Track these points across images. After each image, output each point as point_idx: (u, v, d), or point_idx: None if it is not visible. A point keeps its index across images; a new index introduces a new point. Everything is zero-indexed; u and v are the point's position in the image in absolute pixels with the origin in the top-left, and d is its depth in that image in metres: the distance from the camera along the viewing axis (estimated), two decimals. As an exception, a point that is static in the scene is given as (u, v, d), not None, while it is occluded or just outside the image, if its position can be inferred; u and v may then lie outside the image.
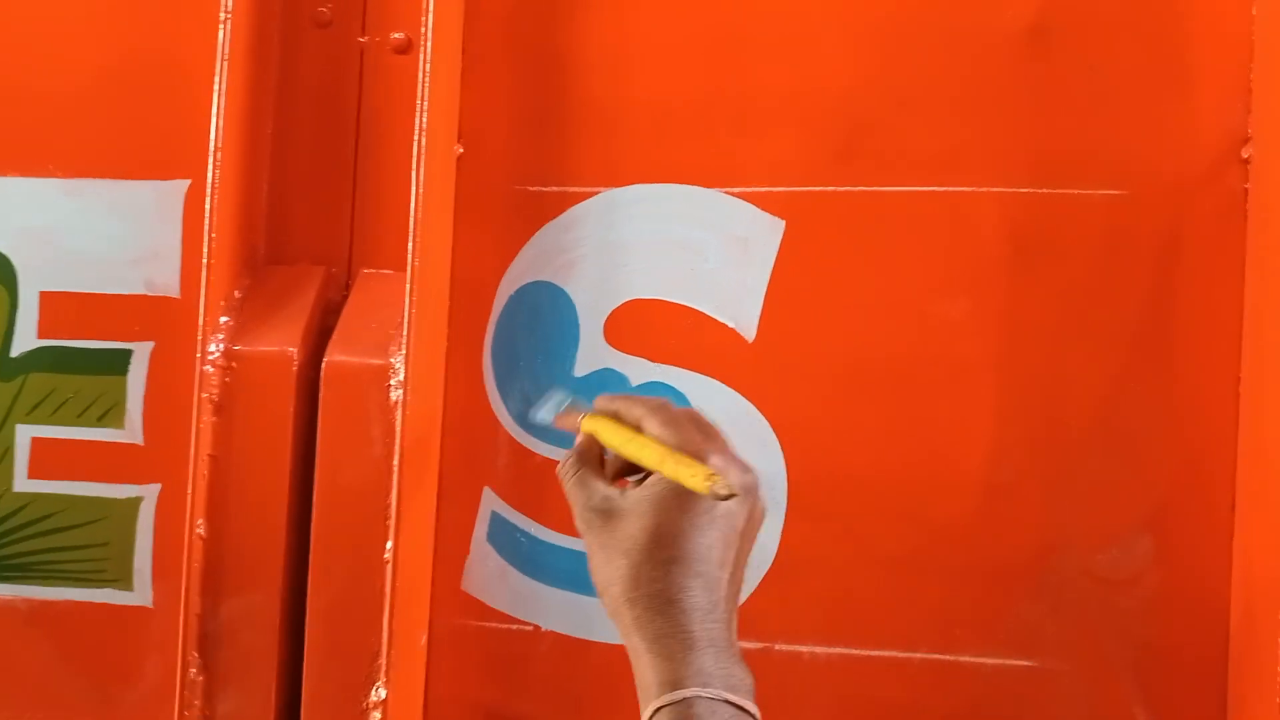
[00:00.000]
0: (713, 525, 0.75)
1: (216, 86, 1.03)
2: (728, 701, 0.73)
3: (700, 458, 0.76)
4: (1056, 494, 0.99)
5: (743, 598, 1.00)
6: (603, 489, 0.80)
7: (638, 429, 0.80)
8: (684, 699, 0.72)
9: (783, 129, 1.04)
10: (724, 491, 0.73)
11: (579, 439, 0.84)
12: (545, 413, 0.91)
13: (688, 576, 0.75)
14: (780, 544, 1.02)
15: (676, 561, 0.75)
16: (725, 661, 0.74)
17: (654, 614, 0.75)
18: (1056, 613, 0.99)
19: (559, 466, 0.83)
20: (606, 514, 0.78)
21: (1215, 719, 0.96)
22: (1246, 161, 0.99)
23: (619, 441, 0.80)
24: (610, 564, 0.77)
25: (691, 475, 0.74)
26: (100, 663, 1.08)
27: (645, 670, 0.75)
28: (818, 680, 1.01)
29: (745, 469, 0.79)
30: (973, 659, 1.00)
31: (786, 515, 1.02)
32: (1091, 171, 1.00)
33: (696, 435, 0.78)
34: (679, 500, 0.76)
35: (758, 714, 0.74)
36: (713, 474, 0.73)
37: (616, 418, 0.82)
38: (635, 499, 0.77)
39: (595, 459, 0.83)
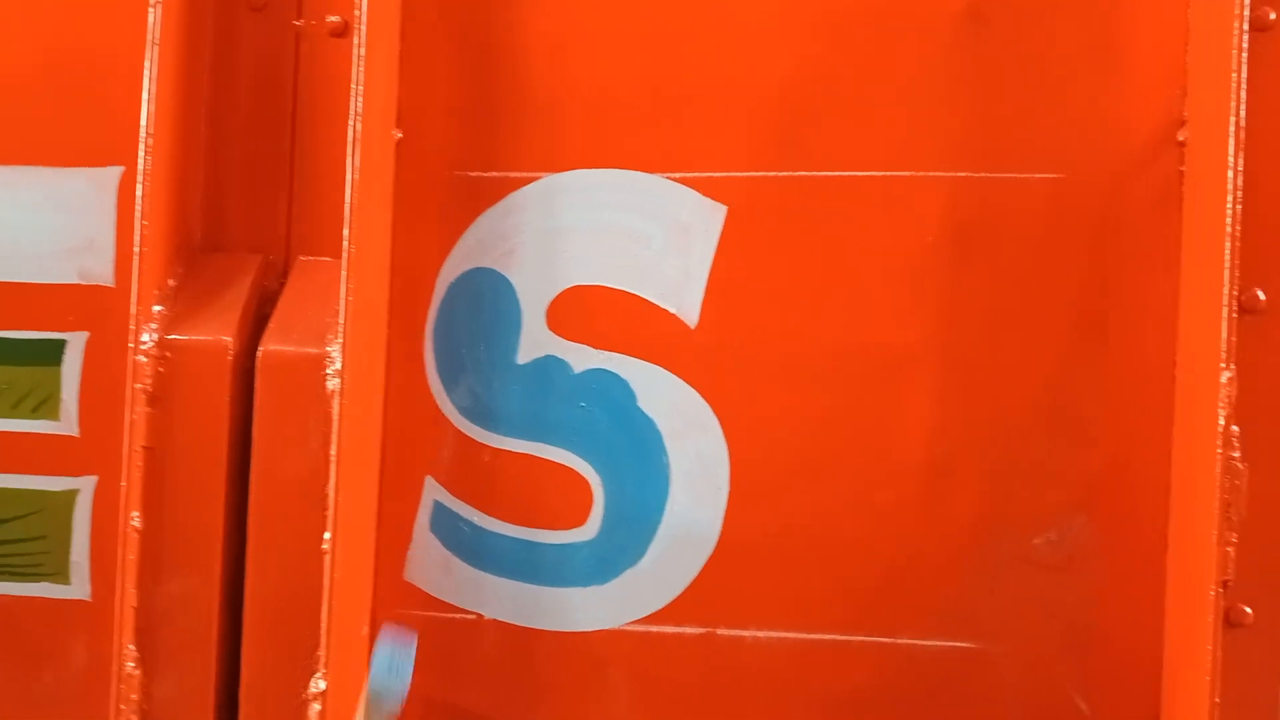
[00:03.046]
0: None
1: (147, 71, 1.02)
2: None
3: None
4: (994, 477, 1.00)
5: (685, 583, 1.02)
6: None
7: None
8: None
9: (724, 115, 1.04)
10: None
11: None
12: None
13: None
14: (722, 529, 1.02)
15: None
16: None
17: None
18: (994, 595, 1.00)
19: None
20: None
21: (1150, 701, 0.97)
22: (1182, 144, 0.99)
23: None
24: None
25: None
26: (37, 657, 1.07)
27: None
28: (760, 664, 1.01)
29: None
30: (911, 641, 1.01)
31: (729, 501, 1.02)
32: (1029, 155, 1.01)
33: None
34: None
35: None
36: None
37: None
38: None
39: None
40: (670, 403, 1.03)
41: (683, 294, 1.04)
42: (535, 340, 1.05)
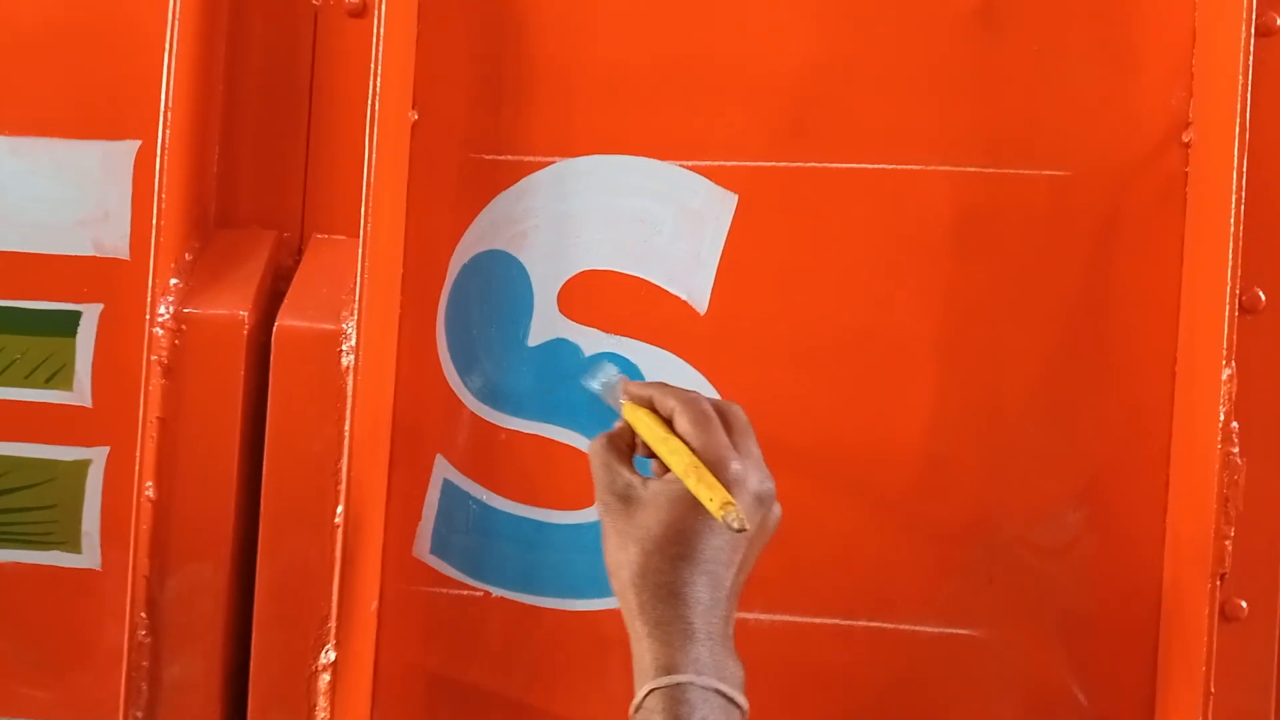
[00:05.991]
0: (726, 529, 0.79)
1: (167, 46, 1.02)
2: (718, 691, 0.78)
3: (723, 463, 0.80)
4: (995, 466, 1.02)
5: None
6: (626, 476, 0.84)
7: (670, 421, 0.84)
8: (678, 684, 0.77)
9: (737, 103, 1.05)
10: (735, 525, 0.77)
11: (618, 422, 0.88)
12: (594, 383, 0.94)
13: (695, 573, 0.79)
14: (727, 513, 1.03)
15: (685, 558, 0.79)
16: (720, 654, 0.79)
17: (658, 602, 0.79)
18: (992, 582, 1.02)
19: (590, 444, 0.87)
20: (626, 500, 0.82)
21: (1145, 688, 0.99)
22: (1187, 145, 1.01)
23: (651, 439, 0.84)
24: (623, 550, 0.81)
25: (710, 499, 0.78)
26: (47, 626, 1.08)
27: (643, 653, 0.79)
28: (761, 646, 1.02)
29: (764, 477, 0.83)
30: (910, 627, 1.02)
31: (734, 485, 1.03)
32: (1036, 151, 1.02)
33: (722, 436, 0.82)
34: (696, 501, 0.80)
35: (746, 706, 0.80)
36: (728, 503, 0.77)
37: (650, 406, 0.86)
38: (655, 492, 0.81)
39: (626, 444, 0.87)
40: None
41: (693, 280, 1.05)
42: (546, 323, 1.06)
